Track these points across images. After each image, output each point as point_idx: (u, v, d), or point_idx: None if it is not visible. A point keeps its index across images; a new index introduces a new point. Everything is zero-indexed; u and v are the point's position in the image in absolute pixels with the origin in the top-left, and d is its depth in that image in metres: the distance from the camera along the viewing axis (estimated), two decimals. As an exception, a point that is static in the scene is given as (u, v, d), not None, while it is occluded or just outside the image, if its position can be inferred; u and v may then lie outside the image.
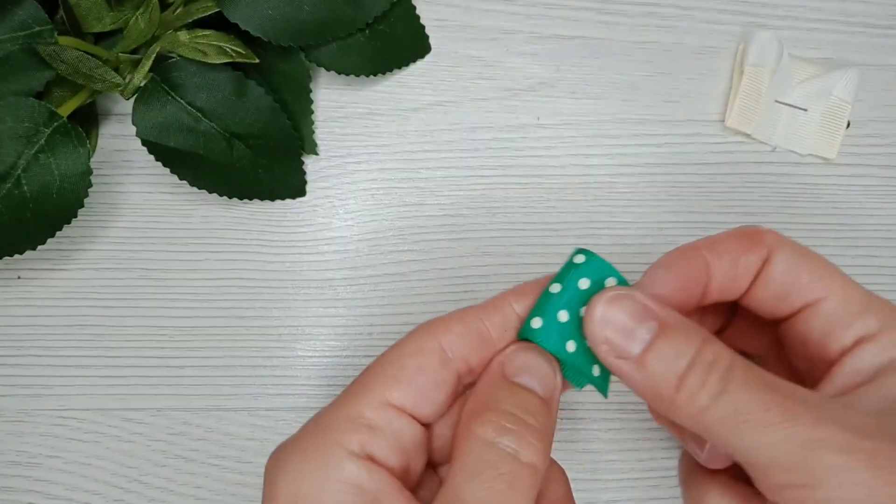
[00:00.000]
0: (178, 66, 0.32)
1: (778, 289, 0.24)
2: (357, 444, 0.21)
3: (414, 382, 0.22)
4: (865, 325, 0.23)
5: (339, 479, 0.21)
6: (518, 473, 0.21)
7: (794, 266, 0.24)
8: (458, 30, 0.36)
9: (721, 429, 0.21)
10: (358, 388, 0.22)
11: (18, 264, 0.34)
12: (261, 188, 0.34)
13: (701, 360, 0.21)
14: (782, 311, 0.24)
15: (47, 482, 0.33)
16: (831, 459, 0.19)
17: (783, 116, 0.35)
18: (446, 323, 0.23)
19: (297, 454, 0.22)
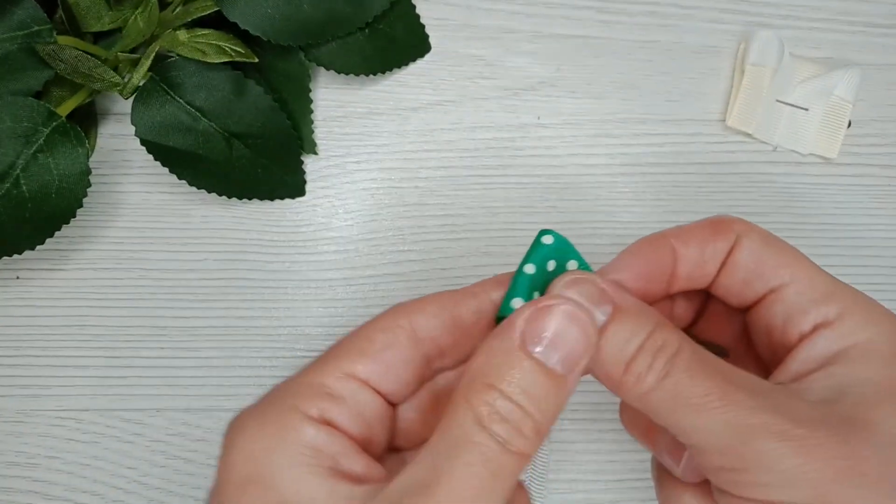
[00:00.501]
0: (177, 65, 0.32)
1: (743, 275, 0.24)
2: (316, 410, 0.21)
3: (380, 357, 0.22)
4: (825, 311, 0.23)
5: (296, 441, 0.20)
6: (503, 462, 0.20)
7: (760, 252, 0.24)
8: (459, 29, 0.36)
9: (664, 411, 0.21)
10: (324, 359, 0.22)
11: (17, 264, 0.34)
12: (260, 188, 0.34)
13: (649, 345, 0.21)
14: (748, 298, 0.24)
15: (46, 482, 0.33)
16: (763, 445, 0.20)
17: (784, 116, 0.35)
18: (421, 304, 0.23)
19: (255, 418, 0.21)
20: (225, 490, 0.20)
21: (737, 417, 0.20)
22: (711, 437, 0.21)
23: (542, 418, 0.20)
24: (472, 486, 0.19)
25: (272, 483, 0.20)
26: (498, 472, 0.20)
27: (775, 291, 0.24)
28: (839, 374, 0.22)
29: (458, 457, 0.20)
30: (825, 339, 0.23)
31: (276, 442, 0.20)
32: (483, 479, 0.19)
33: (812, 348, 0.23)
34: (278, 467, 0.20)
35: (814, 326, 0.23)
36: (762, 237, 0.24)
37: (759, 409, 0.20)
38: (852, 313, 0.23)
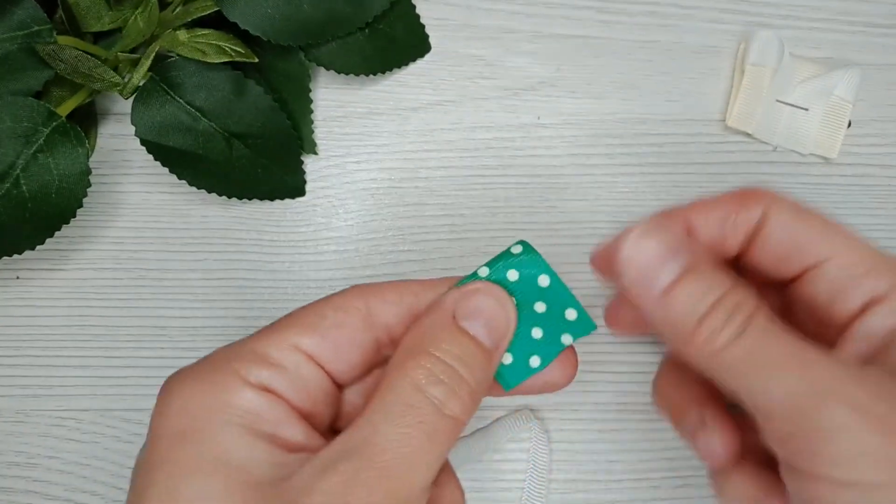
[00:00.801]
0: (177, 65, 0.32)
1: (777, 250, 0.23)
2: (255, 377, 0.21)
3: (329, 335, 0.22)
4: (874, 285, 0.21)
5: (235, 403, 0.20)
6: (439, 426, 0.20)
7: (793, 226, 0.23)
8: (459, 29, 0.36)
9: (735, 370, 0.20)
10: (272, 328, 0.22)
11: (17, 264, 0.34)
12: (260, 188, 0.34)
13: (726, 302, 0.21)
14: (785, 274, 0.23)
15: (46, 483, 0.33)
16: (841, 415, 0.19)
17: (784, 116, 0.35)
18: (380, 289, 0.23)
19: (194, 376, 0.21)
20: (158, 444, 0.20)
21: (817, 381, 0.19)
22: (786, 400, 0.20)
23: (475, 385, 0.21)
24: (408, 449, 0.20)
25: (209, 438, 0.20)
26: (433, 434, 0.20)
27: (815, 267, 0.22)
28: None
29: (394, 420, 0.20)
30: (881, 315, 0.21)
31: (214, 401, 0.20)
32: (420, 442, 0.20)
33: (869, 326, 0.21)
34: (216, 424, 0.20)
35: (864, 303, 0.22)
36: (793, 210, 0.23)
37: (840, 377, 0.19)
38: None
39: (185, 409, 0.20)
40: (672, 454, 0.34)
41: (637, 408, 0.35)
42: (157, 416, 0.21)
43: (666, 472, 0.34)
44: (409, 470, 0.20)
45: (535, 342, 0.24)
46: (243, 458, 0.20)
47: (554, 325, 0.24)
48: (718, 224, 0.24)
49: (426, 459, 0.20)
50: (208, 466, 0.19)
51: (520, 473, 0.34)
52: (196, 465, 0.19)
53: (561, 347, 0.24)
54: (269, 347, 0.21)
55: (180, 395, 0.21)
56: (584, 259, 0.35)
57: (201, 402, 0.20)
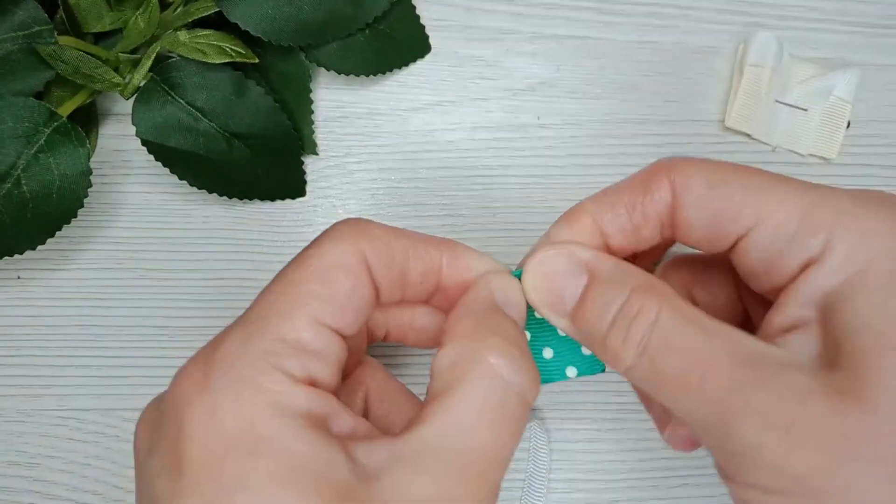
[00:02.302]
0: (177, 65, 0.32)
1: (700, 228, 0.21)
2: (301, 370, 0.19)
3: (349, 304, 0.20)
4: (808, 245, 0.19)
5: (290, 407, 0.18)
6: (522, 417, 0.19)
7: (708, 199, 0.21)
8: (458, 30, 0.36)
9: (646, 388, 0.20)
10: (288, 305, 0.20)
11: (18, 264, 0.34)
12: (261, 188, 0.34)
13: (624, 315, 0.20)
14: (719, 248, 0.21)
15: (47, 482, 0.33)
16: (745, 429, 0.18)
17: (783, 116, 0.35)
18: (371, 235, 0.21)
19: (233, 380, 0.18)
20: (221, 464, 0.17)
21: (716, 397, 0.18)
22: (694, 416, 0.19)
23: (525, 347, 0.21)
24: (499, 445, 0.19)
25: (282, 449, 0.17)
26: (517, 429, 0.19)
27: (745, 237, 0.20)
28: (834, 321, 0.19)
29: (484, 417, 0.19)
30: (814, 279, 0.19)
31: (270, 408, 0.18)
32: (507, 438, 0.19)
33: (799, 293, 0.20)
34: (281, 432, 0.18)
35: (801, 266, 0.20)
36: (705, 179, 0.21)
37: (741, 386, 0.18)
38: (841, 236, 0.19)
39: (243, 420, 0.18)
40: (671, 453, 0.34)
41: (636, 407, 0.35)
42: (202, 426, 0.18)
43: (665, 472, 0.34)
44: (497, 469, 0.19)
45: (542, 361, 0.24)
46: (321, 462, 0.18)
47: (566, 352, 0.24)
48: (624, 215, 0.22)
49: (510, 455, 0.19)
50: (293, 478, 0.17)
51: (520, 473, 0.34)
52: (280, 480, 0.17)
53: (563, 378, 0.24)
54: (301, 332, 0.19)
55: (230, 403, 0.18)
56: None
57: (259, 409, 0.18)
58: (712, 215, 0.21)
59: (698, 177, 0.21)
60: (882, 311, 0.18)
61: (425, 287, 0.23)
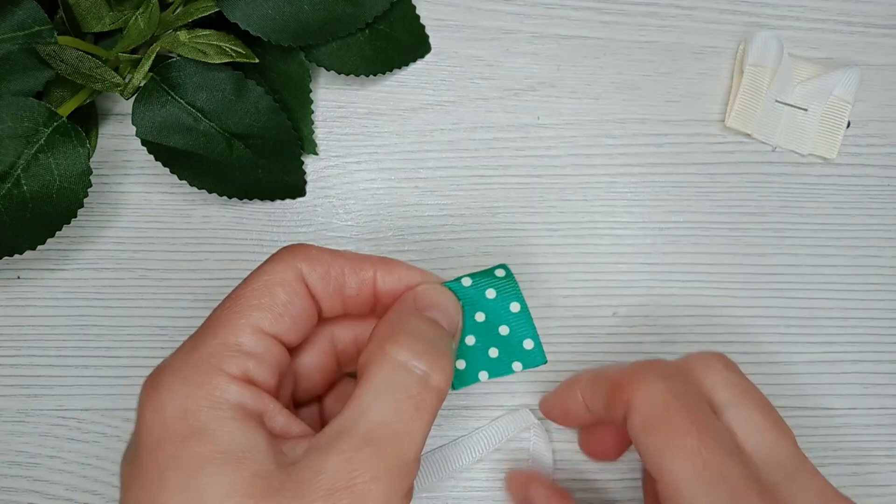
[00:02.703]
0: (177, 65, 0.32)
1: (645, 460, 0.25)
2: (237, 369, 0.22)
3: (287, 313, 0.23)
4: None
5: (224, 400, 0.21)
6: (426, 396, 0.22)
7: (638, 436, 0.24)
8: (458, 30, 0.36)
9: None
10: (230, 315, 0.23)
11: (18, 264, 0.34)
12: (261, 188, 0.34)
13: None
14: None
15: (47, 482, 0.33)
16: None
17: (783, 116, 0.35)
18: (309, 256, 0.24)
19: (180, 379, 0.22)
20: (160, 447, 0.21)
21: None
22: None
23: (449, 360, 0.23)
24: (401, 423, 0.21)
25: (212, 435, 0.21)
26: (422, 406, 0.22)
27: (656, 482, 0.24)
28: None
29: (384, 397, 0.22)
30: None
31: (207, 401, 0.21)
32: (410, 414, 0.22)
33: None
34: (215, 421, 0.21)
35: None
36: (644, 419, 0.25)
37: None
38: None
39: (181, 413, 0.21)
40: (671, 454, 0.34)
41: (636, 407, 0.35)
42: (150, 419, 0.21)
43: (665, 472, 0.34)
44: (403, 442, 0.21)
45: (489, 359, 0.27)
46: (247, 449, 0.21)
47: (511, 349, 0.27)
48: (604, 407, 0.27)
49: (417, 431, 0.22)
50: (217, 460, 0.20)
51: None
52: (205, 462, 0.20)
53: (510, 372, 0.27)
54: (239, 336, 0.22)
55: (174, 398, 0.21)
56: (583, 259, 0.35)
57: (194, 404, 0.21)
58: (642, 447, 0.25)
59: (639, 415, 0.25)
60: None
61: (363, 299, 0.26)
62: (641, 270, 0.35)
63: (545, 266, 0.35)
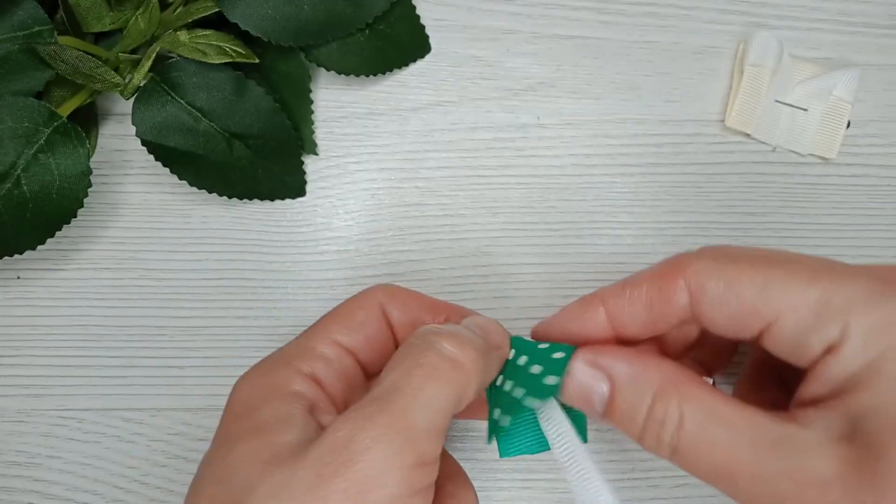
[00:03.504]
0: (177, 65, 0.32)
1: (724, 323, 0.23)
2: (307, 367, 0.24)
3: (361, 331, 0.26)
4: (826, 335, 0.21)
5: (285, 388, 0.23)
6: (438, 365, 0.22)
7: (726, 298, 0.22)
8: (458, 30, 0.36)
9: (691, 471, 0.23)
10: (314, 328, 0.26)
11: (18, 264, 0.34)
12: (261, 188, 0.34)
13: (652, 421, 0.22)
14: (741, 338, 0.23)
15: (47, 482, 0.33)
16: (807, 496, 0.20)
17: (783, 116, 0.35)
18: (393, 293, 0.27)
19: (257, 373, 0.25)
20: (223, 424, 0.24)
21: (744, 490, 0.21)
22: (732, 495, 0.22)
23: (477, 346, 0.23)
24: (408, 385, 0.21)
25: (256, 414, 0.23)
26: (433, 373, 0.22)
27: (766, 330, 0.22)
28: (852, 405, 0.21)
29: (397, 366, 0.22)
30: (834, 364, 0.21)
31: (268, 388, 0.24)
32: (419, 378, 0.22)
33: (822, 375, 0.21)
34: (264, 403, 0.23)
35: (822, 351, 0.21)
36: (718, 283, 0.22)
37: (764, 479, 0.20)
38: (856, 326, 0.21)
39: (246, 397, 0.24)
40: (671, 454, 0.34)
41: (636, 407, 0.35)
42: (227, 404, 0.24)
43: (665, 472, 0.34)
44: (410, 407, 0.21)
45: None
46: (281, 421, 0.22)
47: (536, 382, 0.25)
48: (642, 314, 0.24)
49: (428, 399, 0.21)
50: (249, 435, 0.22)
51: (518, 473, 0.34)
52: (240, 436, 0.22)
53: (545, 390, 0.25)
54: (315, 343, 0.25)
55: (243, 388, 0.24)
56: (583, 259, 0.35)
57: (259, 390, 0.24)
58: (731, 314, 0.22)
59: (712, 278, 0.22)
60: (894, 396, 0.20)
61: None
62: (641, 270, 0.35)
63: (545, 266, 0.35)
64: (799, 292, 0.21)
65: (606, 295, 0.24)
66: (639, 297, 0.24)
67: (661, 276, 0.23)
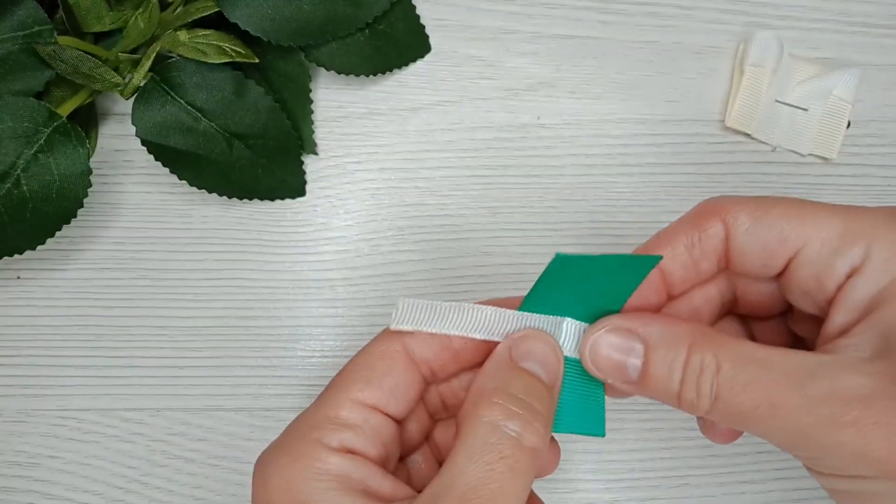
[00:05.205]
0: (177, 65, 0.32)
1: (753, 258, 0.24)
2: (336, 441, 0.23)
3: (384, 384, 0.24)
4: (850, 257, 0.22)
5: (325, 471, 0.22)
6: (520, 457, 0.21)
7: (756, 232, 0.23)
8: (459, 29, 0.36)
9: (727, 423, 0.23)
10: (333, 390, 0.24)
11: (18, 264, 0.34)
12: (261, 188, 0.34)
13: (690, 373, 0.22)
14: (771, 273, 0.24)
15: (47, 482, 0.33)
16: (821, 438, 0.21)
17: (783, 116, 0.35)
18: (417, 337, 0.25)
19: (283, 454, 0.23)
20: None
21: (788, 421, 0.21)
22: (775, 438, 0.22)
23: (546, 413, 0.23)
24: (495, 484, 0.21)
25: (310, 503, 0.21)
26: (516, 467, 0.21)
27: (794, 258, 0.23)
28: (881, 320, 0.21)
29: (477, 459, 0.21)
30: (859, 285, 0.22)
31: (308, 473, 0.22)
32: (504, 476, 0.21)
33: (849, 299, 0.22)
34: (316, 493, 0.21)
35: (846, 275, 0.22)
36: (752, 215, 0.23)
37: (807, 405, 0.21)
38: (878, 246, 0.22)
39: (285, 487, 0.22)
40: (670, 454, 0.34)
41: (636, 407, 0.35)
42: (258, 494, 0.22)
43: (666, 472, 0.34)
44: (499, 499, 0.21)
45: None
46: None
47: None
48: (684, 254, 0.25)
49: (513, 491, 0.21)
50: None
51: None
52: None
53: None
54: (339, 409, 0.23)
55: (277, 472, 0.22)
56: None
57: (297, 476, 0.22)
58: (763, 243, 0.23)
59: (745, 212, 0.24)
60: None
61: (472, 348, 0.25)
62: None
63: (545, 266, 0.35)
64: (824, 219, 0.23)
65: (648, 247, 0.25)
66: (678, 237, 0.25)
67: (697, 216, 0.24)
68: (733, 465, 0.35)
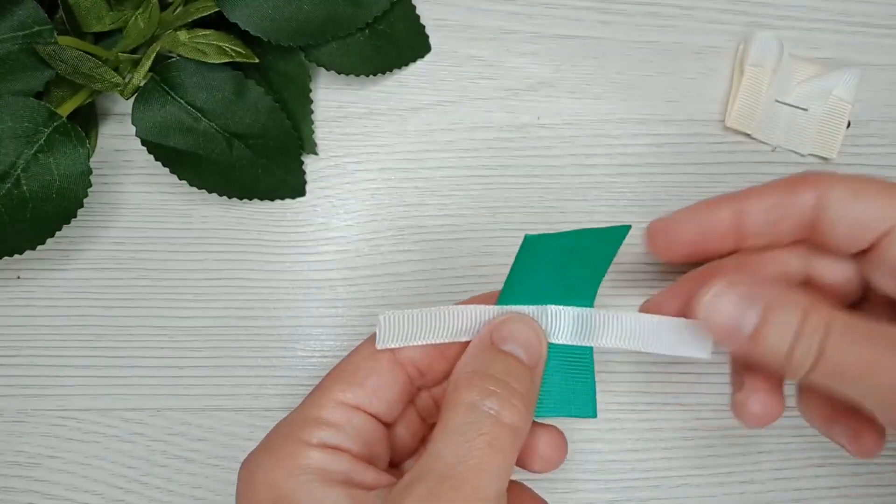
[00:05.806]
0: (177, 65, 0.32)
1: (842, 230, 0.25)
2: (316, 438, 0.23)
3: (367, 384, 0.24)
4: None
5: (306, 466, 0.22)
6: (499, 433, 0.22)
7: (852, 205, 0.24)
8: (459, 29, 0.36)
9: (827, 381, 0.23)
10: (317, 392, 0.24)
11: (18, 264, 0.34)
12: (260, 188, 0.34)
13: (804, 332, 0.23)
14: (857, 247, 0.25)
15: (47, 482, 0.33)
16: None
17: (783, 116, 0.35)
18: None
19: (266, 454, 0.23)
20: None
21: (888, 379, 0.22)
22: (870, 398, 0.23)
23: (525, 393, 0.23)
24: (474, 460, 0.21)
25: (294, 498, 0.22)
26: (494, 442, 0.22)
27: (883, 237, 0.24)
28: None
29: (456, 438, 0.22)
30: None
31: (290, 469, 0.22)
32: (482, 451, 0.21)
33: None
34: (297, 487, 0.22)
35: None
36: (850, 189, 0.25)
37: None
38: None
39: (268, 484, 0.23)
40: (670, 453, 0.34)
41: (636, 407, 0.35)
42: (243, 492, 0.23)
43: (666, 472, 0.34)
44: (478, 479, 0.21)
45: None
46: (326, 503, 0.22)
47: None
48: (769, 210, 0.26)
49: (492, 467, 0.22)
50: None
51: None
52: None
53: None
54: (320, 410, 0.24)
55: (260, 470, 0.23)
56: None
57: (279, 473, 0.23)
58: (856, 217, 0.25)
59: (842, 187, 0.25)
60: None
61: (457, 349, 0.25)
62: (642, 271, 0.35)
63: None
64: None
65: (733, 196, 0.27)
66: (768, 193, 0.26)
67: (791, 181, 0.25)
68: (733, 465, 0.35)
